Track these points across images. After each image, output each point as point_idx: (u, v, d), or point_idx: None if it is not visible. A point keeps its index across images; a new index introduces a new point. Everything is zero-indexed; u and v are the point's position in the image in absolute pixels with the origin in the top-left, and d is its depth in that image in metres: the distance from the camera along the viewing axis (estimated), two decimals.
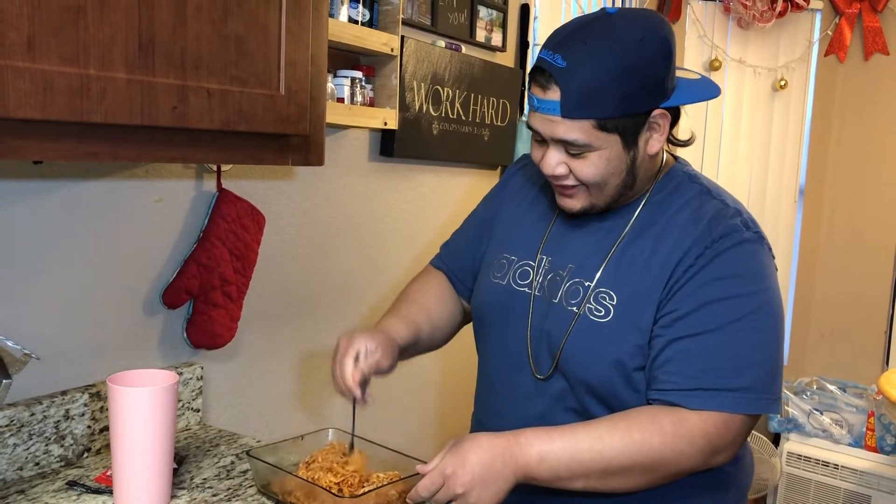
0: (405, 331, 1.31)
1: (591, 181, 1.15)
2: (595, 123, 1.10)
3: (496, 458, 1.08)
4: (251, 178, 1.64)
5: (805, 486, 3.12)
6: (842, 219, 3.56)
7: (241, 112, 1.09)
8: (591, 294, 1.18)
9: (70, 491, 1.22)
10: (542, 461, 1.08)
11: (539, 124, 1.14)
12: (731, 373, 1.09)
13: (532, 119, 1.15)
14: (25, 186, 1.27)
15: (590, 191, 1.17)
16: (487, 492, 1.07)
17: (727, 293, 1.11)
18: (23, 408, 1.25)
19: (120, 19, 0.94)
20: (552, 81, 1.10)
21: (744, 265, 1.13)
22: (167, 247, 1.49)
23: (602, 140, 1.11)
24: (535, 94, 1.13)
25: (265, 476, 1.23)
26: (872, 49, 3.41)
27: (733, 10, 3.29)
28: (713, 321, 1.10)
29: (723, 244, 1.13)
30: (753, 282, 1.13)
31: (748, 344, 1.10)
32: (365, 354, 1.20)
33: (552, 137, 1.13)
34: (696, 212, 1.18)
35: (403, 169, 2.08)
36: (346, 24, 1.67)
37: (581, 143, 1.11)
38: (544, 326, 1.22)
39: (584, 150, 1.12)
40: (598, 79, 1.07)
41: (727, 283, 1.12)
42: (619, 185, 1.17)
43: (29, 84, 0.85)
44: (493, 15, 2.28)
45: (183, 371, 1.50)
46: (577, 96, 1.08)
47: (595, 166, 1.13)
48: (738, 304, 1.11)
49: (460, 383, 1.54)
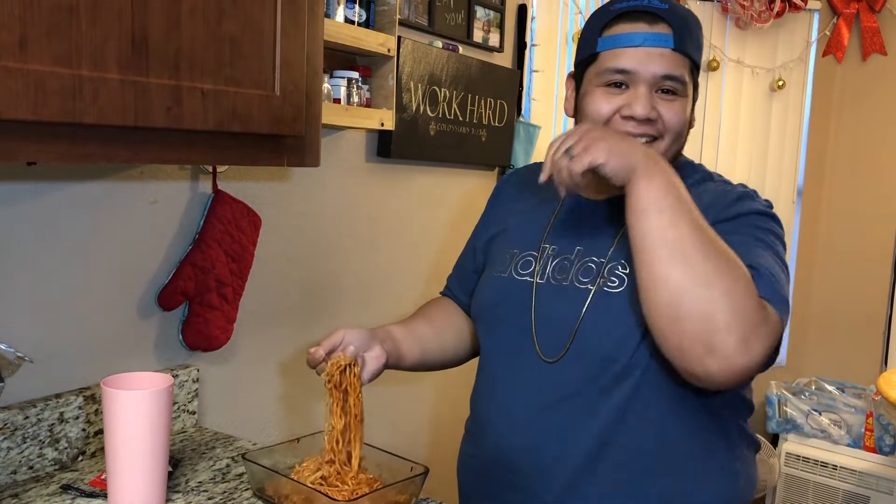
0: (390, 325, 1.34)
1: (677, 128, 1.18)
2: (690, 66, 1.17)
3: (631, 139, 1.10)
4: (247, 179, 1.63)
5: (804, 486, 3.12)
6: (840, 219, 3.56)
7: (235, 112, 1.08)
8: (605, 269, 1.18)
9: (64, 494, 1.21)
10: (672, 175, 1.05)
11: (641, 59, 1.15)
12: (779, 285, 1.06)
13: (625, 57, 1.15)
14: (19, 188, 1.26)
15: (662, 142, 1.18)
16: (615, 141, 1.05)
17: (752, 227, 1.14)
18: (16, 411, 1.25)
19: (113, 19, 0.93)
20: (659, 19, 1.14)
21: (763, 219, 1.17)
22: (162, 248, 1.48)
23: (688, 88, 1.18)
24: (637, 29, 1.15)
25: (260, 479, 1.22)
26: (870, 49, 3.41)
27: (731, 11, 3.29)
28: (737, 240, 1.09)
29: (741, 204, 1.17)
30: (773, 231, 1.16)
31: (775, 260, 1.10)
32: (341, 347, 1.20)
33: (655, 73, 1.15)
34: (701, 195, 1.18)
35: (400, 170, 2.07)
36: (342, 25, 1.66)
37: (683, 79, 1.17)
38: (554, 310, 1.20)
39: (679, 89, 1.16)
40: (694, 26, 1.17)
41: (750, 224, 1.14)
42: (681, 146, 1.22)
43: (21, 84, 0.85)
44: (490, 15, 2.28)
45: (178, 373, 1.49)
46: (683, 34, 1.15)
47: (682, 111, 1.18)
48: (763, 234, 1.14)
49: (456, 389, 1.53)
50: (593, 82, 1.19)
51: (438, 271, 1.53)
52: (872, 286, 3.47)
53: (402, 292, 2.11)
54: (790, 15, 3.37)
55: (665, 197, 1.03)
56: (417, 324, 1.39)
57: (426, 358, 1.37)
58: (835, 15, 3.45)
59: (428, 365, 1.40)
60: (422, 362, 1.37)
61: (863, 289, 3.49)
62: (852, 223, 3.52)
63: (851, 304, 3.51)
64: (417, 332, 1.37)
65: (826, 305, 3.57)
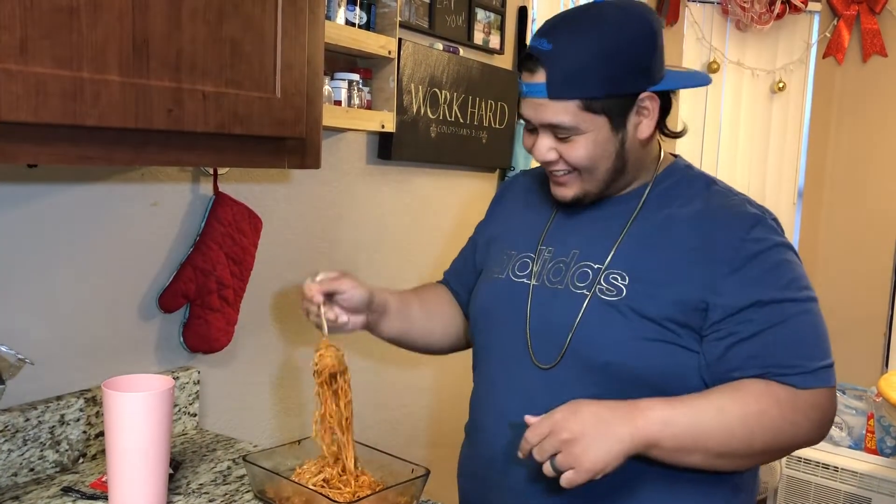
0: (390, 294, 1.36)
1: (581, 165, 1.16)
2: (581, 104, 1.12)
3: (614, 414, 1.04)
4: (248, 181, 1.63)
5: (805, 488, 3.11)
6: (841, 221, 3.56)
7: (236, 115, 1.08)
8: (602, 276, 1.17)
9: (65, 497, 1.21)
10: (667, 425, 1.05)
11: (528, 110, 1.17)
12: (818, 352, 1.15)
13: (522, 106, 1.18)
14: (20, 190, 1.26)
15: (581, 176, 1.18)
16: (597, 446, 1.02)
17: (781, 284, 1.14)
18: (17, 413, 1.24)
19: (114, 21, 0.93)
20: (538, 65, 1.12)
21: (783, 253, 1.16)
22: (163, 251, 1.48)
23: (589, 122, 1.13)
24: (523, 79, 1.16)
25: (262, 481, 1.22)
26: (871, 51, 3.41)
27: (731, 13, 3.29)
28: (781, 314, 1.13)
29: (755, 237, 1.14)
30: (795, 265, 1.18)
31: (816, 323, 1.18)
32: (325, 277, 1.25)
33: (540, 122, 1.15)
34: (707, 202, 1.18)
35: (401, 172, 2.07)
36: (342, 27, 1.66)
37: (568, 125, 1.13)
38: (548, 315, 1.20)
39: (571, 132, 1.14)
40: (581, 59, 1.10)
41: (776, 274, 1.14)
42: (610, 170, 1.18)
43: (21, 87, 0.85)
44: (490, 17, 2.28)
45: (179, 375, 1.49)
46: (562, 77, 1.11)
47: (584, 148, 1.15)
48: (796, 291, 1.16)
49: (454, 391, 1.53)
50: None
51: (439, 273, 1.53)
52: (873, 288, 3.46)
53: None
54: (790, 17, 3.37)
55: (682, 447, 1.06)
56: (410, 300, 1.41)
57: (405, 335, 1.40)
58: (835, 17, 3.45)
59: (405, 343, 1.42)
60: (399, 338, 1.39)
61: (863, 291, 3.48)
62: (853, 225, 3.52)
63: (852, 306, 3.51)
64: (408, 308, 1.39)
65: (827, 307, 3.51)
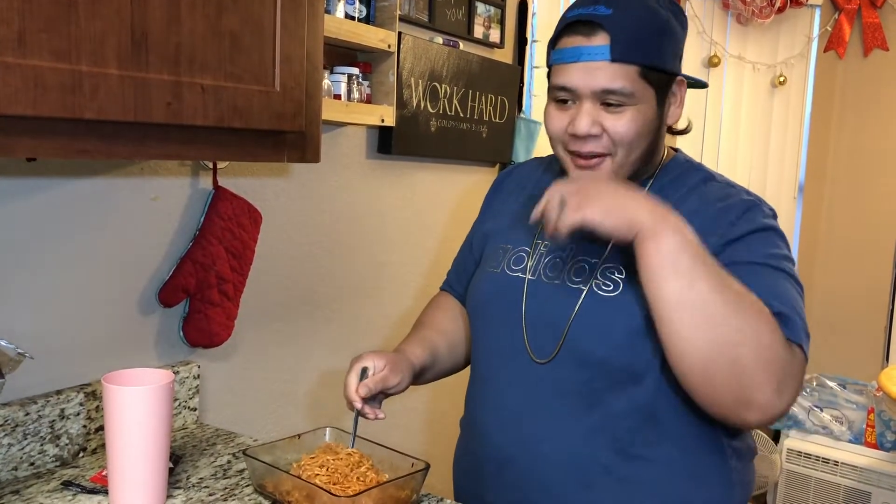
0: (420, 350, 1.33)
1: (627, 139, 1.12)
2: (640, 71, 1.10)
3: (635, 191, 1.04)
4: (247, 175, 1.63)
5: (805, 482, 3.12)
6: (841, 215, 3.55)
7: (236, 108, 1.08)
8: (598, 270, 1.17)
9: (65, 491, 1.21)
10: (680, 231, 1.01)
11: (578, 76, 1.11)
12: (791, 305, 1.05)
13: (565, 74, 1.12)
14: (19, 184, 1.26)
15: (615, 159, 1.14)
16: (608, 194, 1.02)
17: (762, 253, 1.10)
18: (17, 407, 1.24)
19: (112, 14, 0.92)
20: (598, 29, 1.09)
21: (770, 234, 1.13)
22: (163, 245, 1.48)
23: (643, 92, 1.11)
24: (575, 44, 1.11)
25: (262, 475, 1.22)
26: (872, 45, 3.41)
27: (732, 7, 3.28)
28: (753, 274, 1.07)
29: (747, 219, 1.13)
30: (781, 245, 1.13)
31: (792, 287, 1.09)
32: (372, 371, 1.22)
33: (594, 89, 1.10)
34: (703, 197, 1.18)
35: (401, 166, 2.07)
36: (342, 20, 1.66)
37: (626, 91, 1.10)
38: (544, 309, 1.20)
39: (625, 101, 1.11)
40: (643, 28, 1.10)
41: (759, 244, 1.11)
42: (645, 152, 1.16)
43: (20, 80, 0.84)
44: (491, 11, 2.27)
45: (179, 370, 1.49)
46: (627, 39, 1.09)
47: (633, 121, 1.12)
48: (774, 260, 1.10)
49: (452, 384, 1.53)
50: (549, 96, 1.19)
51: (439, 267, 1.53)
52: (874, 282, 3.46)
53: (402, 288, 2.11)
54: (791, 10, 3.36)
55: (678, 258, 0.99)
56: (437, 345, 1.37)
57: (435, 377, 1.39)
58: (836, 10, 3.44)
59: (440, 377, 1.41)
60: (434, 378, 1.39)
61: (864, 285, 3.48)
62: (854, 219, 3.51)
63: (853, 300, 3.51)
64: (437, 354, 1.36)
65: (827, 301, 3.57)
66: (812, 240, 3.59)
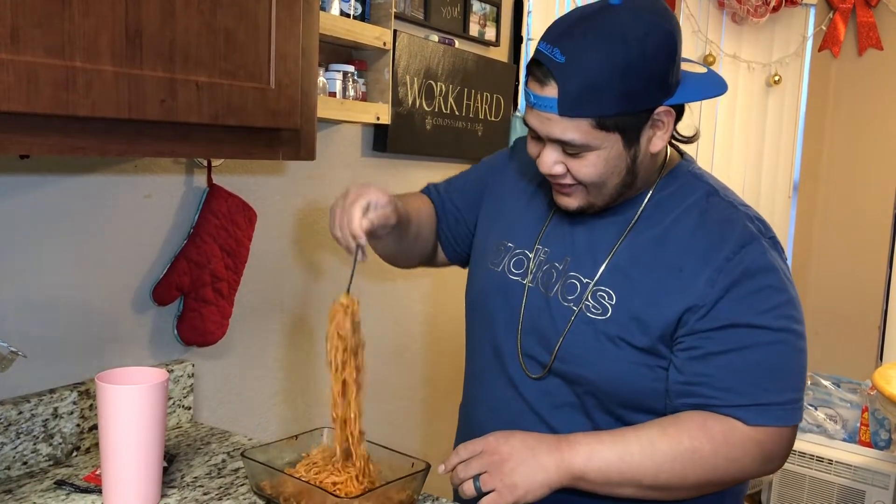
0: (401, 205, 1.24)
1: (589, 181, 1.11)
2: (594, 122, 1.05)
3: (541, 444, 1.09)
4: (242, 173, 1.62)
5: (799, 481, 3.12)
6: (836, 214, 3.56)
7: (230, 106, 1.08)
8: (590, 292, 1.16)
9: (59, 490, 1.21)
10: (590, 459, 1.07)
11: (535, 122, 1.09)
12: (779, 387, 1.09)
13: (528, 115, 1.11)
14: (12, 182, 1.25)
15: (588, 190, 1.13)
16: (521, 470, 1.06)
17: (761, 309, 1.08)
18: (10, 406, 1.24)
19: (106, 10, 0.92)
20: (550, 77, 1.04)
21: (770, 277, 1.10)
22: (157, 243, 1.47)
23: (601, 139, 1.06)
24: (531, 89, 1.08)
25: (259, 476, 1.21)
26: (866, 44, 3.41)
27: (727, 6, 3.28)
28: (750, 339, 1.08)
29: (744, 256, 1.09)
30: (781, 291, 1.10)
31: (787, 357, 1.10)
32: (374, 206, 1.14)
33: (549, 136, 1.08)
34: (703, 215, 1.14)
35: (396, 164, 2.06)
36: (337, 18, 1.65)
37: (578, 143, 1.06)
38: (537, 322, 1.20)
39: (581, 150, 1.08)
40: (598, 76, 1.02)
41: (758, 298, 1.09)
42: (619, 185, 1.12)
43: (13, 76, 0.84)
44: (486, 9, 2.27)
45: (174, 368, 1.49)
46: (576, 94, 1.03)
47: (593, 166, 1.09)
48: (773, 319, 1.08)
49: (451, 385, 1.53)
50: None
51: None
52: (868, 281, 3.47)
53: (398, 286, 2.11)
54: (786, 10, 3.37)
55: (609, 475, 1.08)
56: (411, 218, 1.30)
57: (394, 255, 1.37)
58: (831, 10, 3.44)
59: (388, 259, 1.39)
60: (389, 256, 1.38)
61: (858, 284, 3.49)
62: (848, 218, 3.52)
63: (847, 299, 3.52)
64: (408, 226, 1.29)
65: (821, 300, 3.58)
66: (806, 239, 3.60)
